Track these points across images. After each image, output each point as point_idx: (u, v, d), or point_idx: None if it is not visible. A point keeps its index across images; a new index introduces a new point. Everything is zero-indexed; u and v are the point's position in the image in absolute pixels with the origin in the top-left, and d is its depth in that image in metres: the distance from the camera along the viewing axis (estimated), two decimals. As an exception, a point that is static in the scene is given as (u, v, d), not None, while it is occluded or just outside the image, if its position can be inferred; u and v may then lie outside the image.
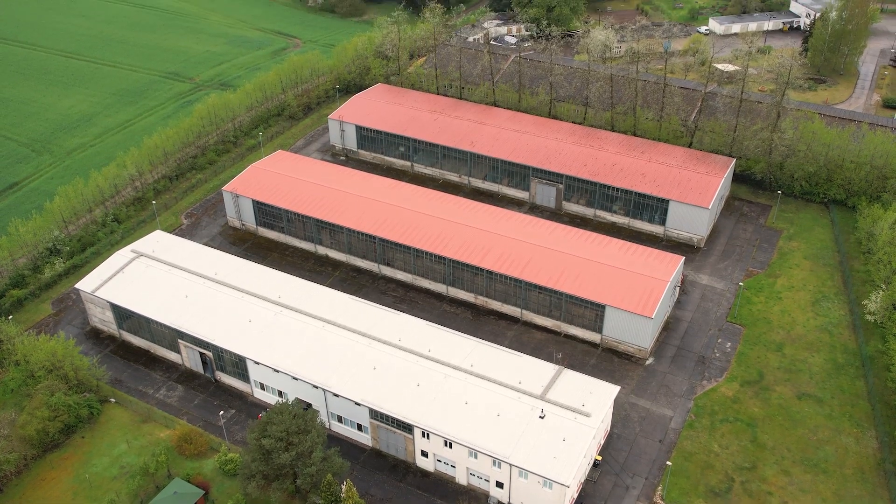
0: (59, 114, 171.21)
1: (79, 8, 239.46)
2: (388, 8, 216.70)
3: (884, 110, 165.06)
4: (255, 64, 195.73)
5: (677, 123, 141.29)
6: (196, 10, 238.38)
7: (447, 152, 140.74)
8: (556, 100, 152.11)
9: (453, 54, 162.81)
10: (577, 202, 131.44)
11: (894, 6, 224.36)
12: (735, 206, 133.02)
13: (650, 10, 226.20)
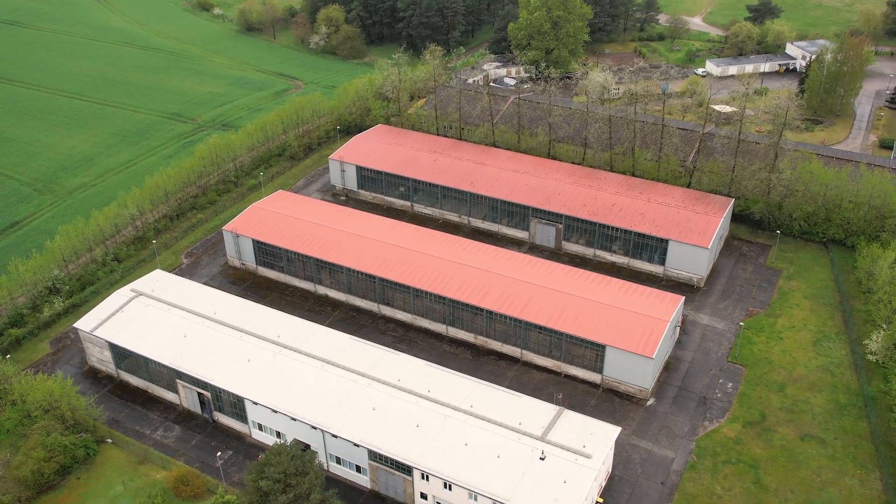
0: (61, 154, 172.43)
1: (84, 50, 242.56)
2: (388, 50, 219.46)
3: (880, 150, 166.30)
4: (256, 105, 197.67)
5: (676, 164, 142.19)
6: (200, 52, 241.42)
7: (447, 192, 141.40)
8: (555, 140, 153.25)
9: (453, 96, 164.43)
10: (576, 242, 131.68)
11: (888, 49, 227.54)
12: (734, 245, 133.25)
13: (647, 53, 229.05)
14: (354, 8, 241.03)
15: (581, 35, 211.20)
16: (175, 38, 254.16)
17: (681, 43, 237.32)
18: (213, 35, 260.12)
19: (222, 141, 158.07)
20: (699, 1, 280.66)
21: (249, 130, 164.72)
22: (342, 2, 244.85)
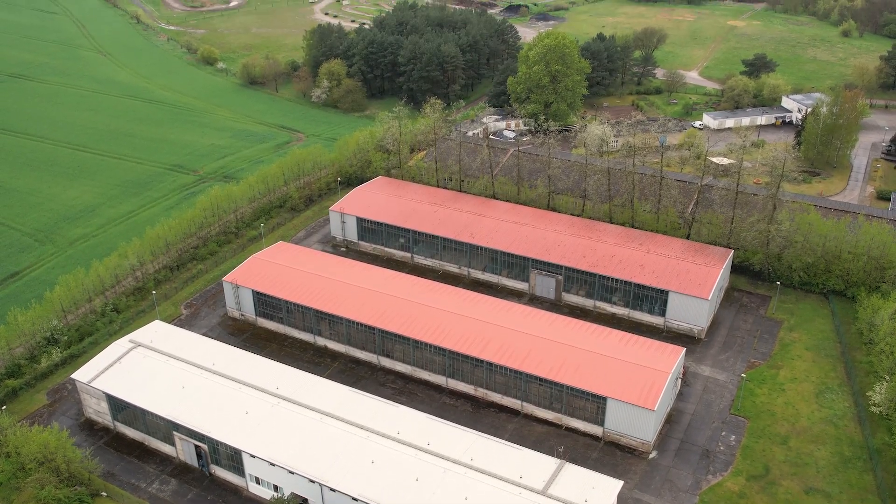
0: (63, 204, 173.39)
1: (89, 103, 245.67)
2: (389, 103, 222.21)
3: (878, 202, 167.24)
4: (258, 157, 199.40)
5: (675, 215, 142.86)
6: (203, 105, 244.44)
7: (447, 244, 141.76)
8: (554, 192, 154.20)
9: (453, 148, 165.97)
10: (576, 293, 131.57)
11: (882, 102, 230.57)
12: (735, 297, 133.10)
13: (645, 106, 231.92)
14: (356, 62, 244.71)
15: (579, 89, 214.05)
16: (179, 92, 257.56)
17: (678, 96, 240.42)
18: (217, 88, 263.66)
19: (224, 192, 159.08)
20: (695, 55, 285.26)
21: (251, 182, 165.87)
22: (344, 56, 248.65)
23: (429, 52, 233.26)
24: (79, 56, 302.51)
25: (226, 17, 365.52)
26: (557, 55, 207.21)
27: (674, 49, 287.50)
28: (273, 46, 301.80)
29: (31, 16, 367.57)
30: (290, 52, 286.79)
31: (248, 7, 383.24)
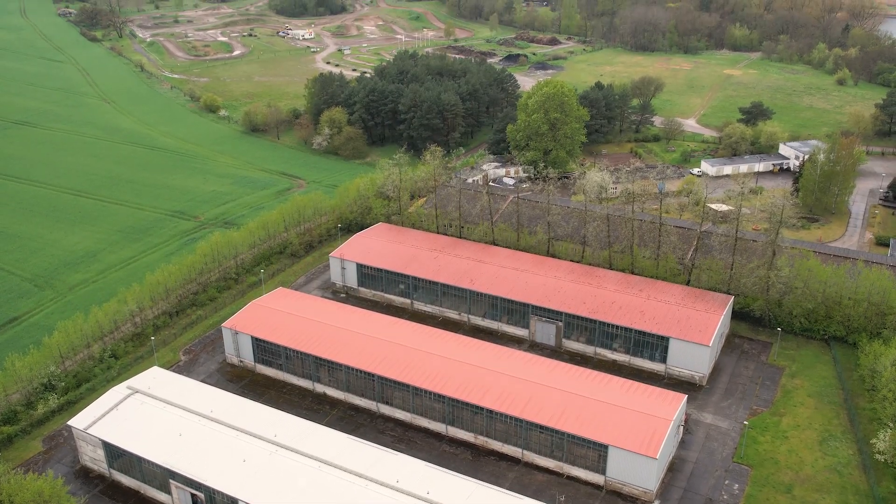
0: (64, 250, 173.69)
1: (92, 149, 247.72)
2: (389, 150, 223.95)
3: (877, 248, 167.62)
4: (259, 203, 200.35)
5: (674, 262, 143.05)
6: (205, 152, 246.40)
7: (447, 290, 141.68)
8: (554, 239, 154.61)
9: (453, 195, 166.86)
10: (577, 340, 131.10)
11: (878, 149, 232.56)
12: (735, 343, 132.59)
13: (643, 153, 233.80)
14: (357, 110, 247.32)
15: (578, 136, 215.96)
16: (181, 139, 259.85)
17: (676, 144, 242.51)
18: (219, 136, 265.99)
19: (224, 238, 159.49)
20: (692, 104, 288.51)
21: (251, 228, 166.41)
22: (345, 104, 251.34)
23: (429, 101, 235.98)
24: (83, 103, 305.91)
25: (229, 65, 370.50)
26: (556, 103, 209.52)
27: (671, 97, 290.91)
28: (275, 94, 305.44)
29: (37, 64, 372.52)
30: (291, 100, 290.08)
31: (250, 56, 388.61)
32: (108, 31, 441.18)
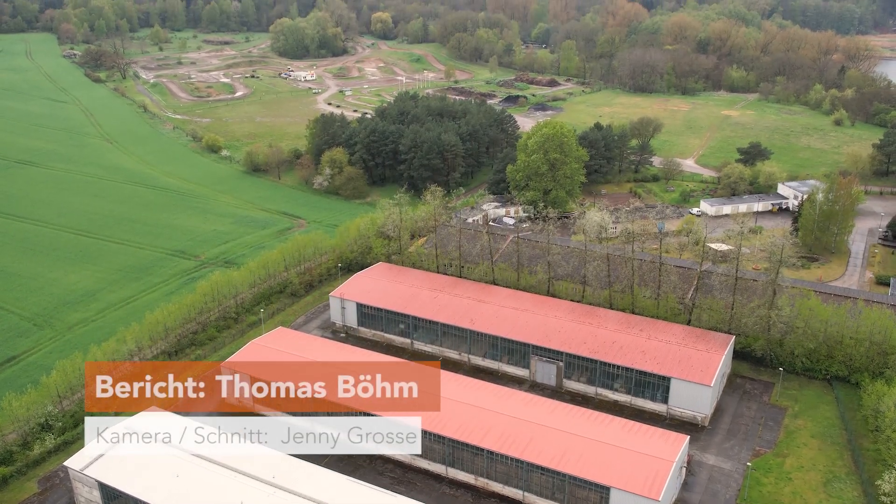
0: (63, 289, 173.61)
1: (94, 189, 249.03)
2: (390, 190, 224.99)
3: (877, 287, 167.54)
4: (259, 243, 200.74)
5: (675, 301, 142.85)
6: (206, 191, 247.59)
7: (447, 330, 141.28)
8: (554, 278, 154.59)
9: (453, 234, 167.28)
10: (577, 380, 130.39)
11: (876, 188, 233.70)
12: (737, 383, 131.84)
13: (643, 193, 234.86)
14: (358, 150, 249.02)
15: (578, 176, 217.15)
16: (183, 178, 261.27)
17: (675, 184, 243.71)
18: (221, 175, 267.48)
19: (224, 278, 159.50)
20: (691, 144, 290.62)
21: (251, 267, 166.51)
22: (346, 144, 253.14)
23: (429, 141, 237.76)
24: (86, 143, 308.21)
25: (231, 106, 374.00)
26: (555, 144, 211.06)
27: (670, 138, 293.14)
28: (277, 135, 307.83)
29: (41, 105, 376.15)
30: (293, 141, 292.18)
31: (252, 97, 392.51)
32: (113, 73, 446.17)
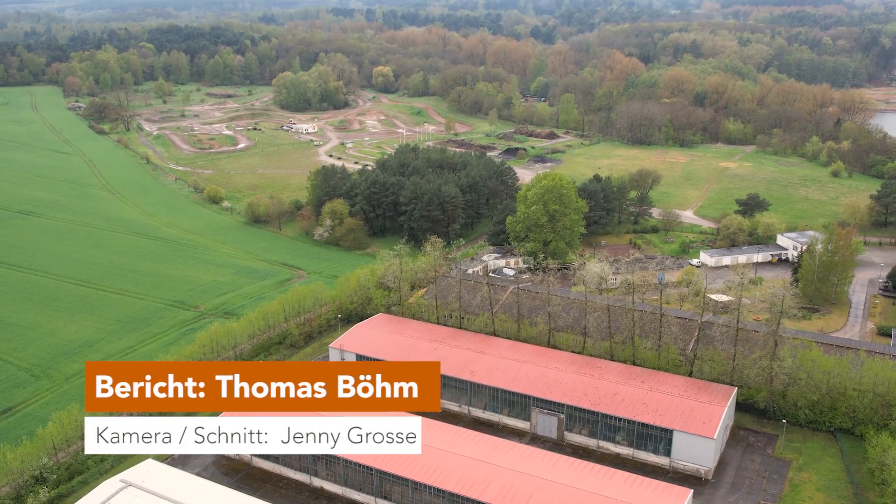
0: (62, 339, 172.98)
1: (95, 239, 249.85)
2: (390, 241, 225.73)
3: (879, 338, 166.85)
4: (259, 294, 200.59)
5: (676, 353, 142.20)
6: (207, 242, 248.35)
7: (447, 381, 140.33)
8: (554, 330, 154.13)
9: (453, 286, 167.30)
10: (579, 432, 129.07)
11: (875, 239, 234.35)
12: (741, 435, 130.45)
13: (643, 244, 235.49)
14: (358, 202, 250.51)
15: (577, 228, 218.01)
16: (184, 229, 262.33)
17: (674, 235, 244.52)
18: (221, 226, 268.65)
19: (223, 328, 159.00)
20: (689, 195, 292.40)
21: (251, 318, 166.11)
22: (347, 196, 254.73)
23: (430, 193, 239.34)
24: (88, 194, 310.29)
25: (233, 158, 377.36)
26: (555, 195, 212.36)
27: (668, 189, 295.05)
28: (278, 186, 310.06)
29: (45, 156, 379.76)
30: (294, 192, 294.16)
31: (255, 149, 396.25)
32: (116, 125, 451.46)
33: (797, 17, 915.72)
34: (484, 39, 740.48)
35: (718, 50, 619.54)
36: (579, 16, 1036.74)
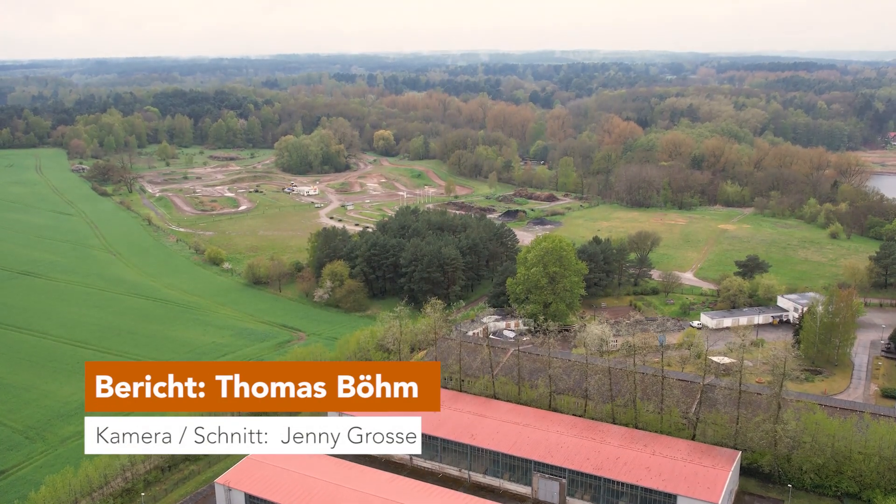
0: (58, 401, 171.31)
1: (95, 300, 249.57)
2: (391, 303, 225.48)
3: (883, 400, 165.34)
4: (258, 355, 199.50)
5: (678, 416, 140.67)
6: (207, 303, 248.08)
7: (447, 445, 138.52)
8: (555, 392, 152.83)
9: (453, 348, 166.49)
10: (581, 497, 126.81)
11: (876, 300, 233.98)
12: (746, 500, 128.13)
13: (643, 306, 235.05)
14: (359, 264, 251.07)
15: (577, 289, 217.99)
16: (184, 291, 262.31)
17: (675, 297, 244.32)
18: (221, 288, 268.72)
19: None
20: (689, 257, 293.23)
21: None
22: (347, 258, 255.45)
23: (430, 254, 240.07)
24: (89, 255, 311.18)
25: (234, 220, 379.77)
26: (555, 257, 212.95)
27: (668, 251, 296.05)
28: (278, 248, 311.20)
29: (47, 217, 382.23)
30: (294, 254, 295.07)
31: (256, 211, 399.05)
32: (119, 186, 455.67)
33: (791, 82, 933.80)
34: (484, 104, 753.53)
35: (715, 114, 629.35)
36: (577, 81, 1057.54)
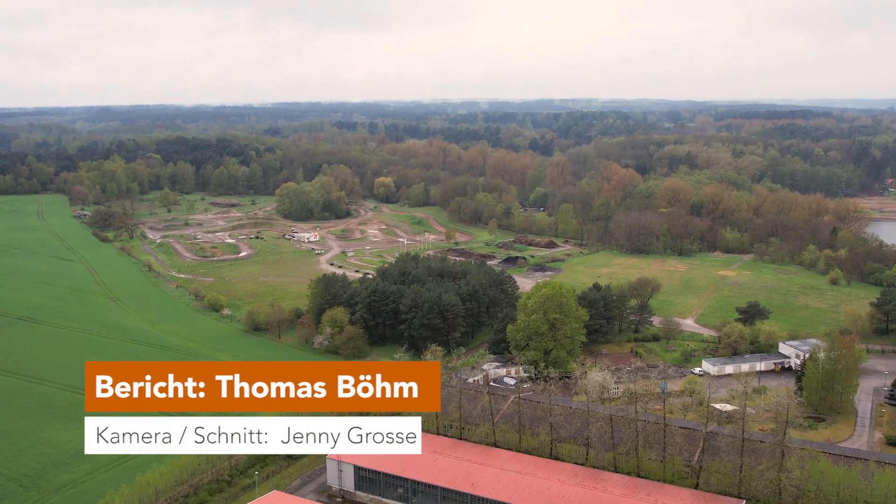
0: (54, 448, 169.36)
1: (94, 346, 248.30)
2: (390, 350, 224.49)
3: (888, 447, 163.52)
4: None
5: (681, 464, 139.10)
6: (206, 350, 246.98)
7: (447, 494, 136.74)
8: (556, 440, 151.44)
9: (453, 395, 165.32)
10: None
11: (878, 347, 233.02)
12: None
13: (644, 353, 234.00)
14: (359, 310, 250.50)
15: (578, 336, 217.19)
16: (183, 337, 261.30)
17: (676, 343, 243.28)
18: (221, 334, 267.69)
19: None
20: (689, 304, 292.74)
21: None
22: (347, 304, 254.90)
23: (430, 301, 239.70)
24: (89, 301, 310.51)
25: (234, 266, 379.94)
26: (555, 304, 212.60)
27: (668, 297, 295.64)
28: (278, 294, 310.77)
29: (47, 262, 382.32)
30: (294, 300, 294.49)
31: (256, 257, 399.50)
32: (120, 232, 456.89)
33: (789, 130, 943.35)
34: (483, 151, 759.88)
35: (713, 161, 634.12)
36: (576, 129, 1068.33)
